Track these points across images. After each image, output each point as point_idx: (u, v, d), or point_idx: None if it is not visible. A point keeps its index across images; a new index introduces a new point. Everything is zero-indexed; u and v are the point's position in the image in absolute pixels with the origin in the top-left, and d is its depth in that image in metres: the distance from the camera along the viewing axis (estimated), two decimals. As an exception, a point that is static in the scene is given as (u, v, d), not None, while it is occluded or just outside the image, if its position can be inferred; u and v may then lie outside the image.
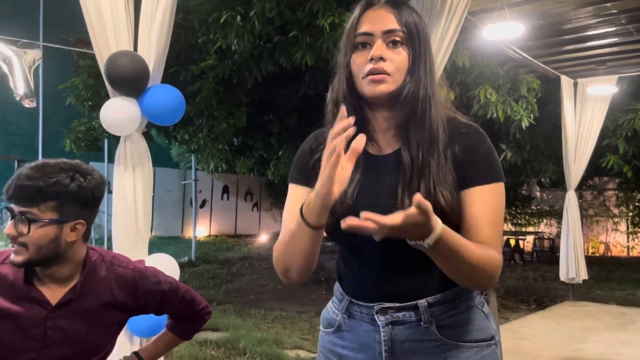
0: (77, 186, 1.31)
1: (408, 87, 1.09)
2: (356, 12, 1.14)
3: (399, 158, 1.11)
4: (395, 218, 0.88)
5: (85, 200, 1.34)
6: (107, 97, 2.41)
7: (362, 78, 1.10)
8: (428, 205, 0.88)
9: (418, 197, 0.87)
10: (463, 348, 1.14)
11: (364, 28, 1.11)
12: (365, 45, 1.11)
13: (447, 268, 1.02)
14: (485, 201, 1.08)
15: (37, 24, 6.08)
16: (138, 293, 1.47)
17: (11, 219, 1.30)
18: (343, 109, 0.95)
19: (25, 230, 1.29)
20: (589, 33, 4.89)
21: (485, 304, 1.22)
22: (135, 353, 1.59)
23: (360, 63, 1.11)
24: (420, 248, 0.95)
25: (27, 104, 2.81)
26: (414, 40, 1.10)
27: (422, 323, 1.13)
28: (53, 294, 1.38)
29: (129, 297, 1.46)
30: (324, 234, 1.16)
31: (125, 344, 2.36)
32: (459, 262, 0.99)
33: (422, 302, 1.13)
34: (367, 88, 1.10)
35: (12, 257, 1.33)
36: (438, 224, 0.93)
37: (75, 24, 2.34)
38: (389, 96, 1.10)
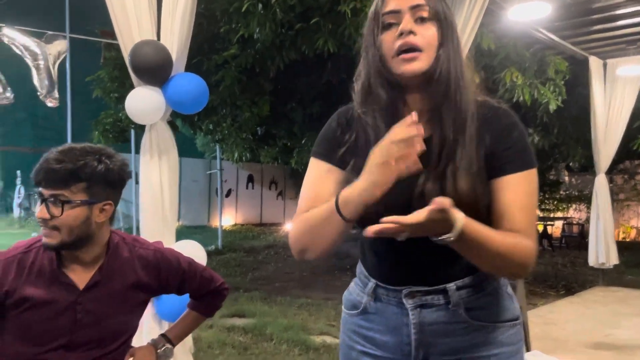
0: (105, 168, 1.35)
1: (441, 63, 1.06)
2: None
3: (429, 142, 1.09)
4: (417, 216, 0.89)
5: (113, 181, 1.38)
6: (132, 88, 2.45)
7: (393, 57, 1.07)
8: (446, 202, 0.88)
9: (438, 200, 0.88)
10: (491, 328, 1.15)
11: (390, 6, 1.08)
12: (392, 25, 1.08)
13: (474, 259, 1.02)
14: (518, 188, 1.06)
15: (62, 17, 6.19)
16: (161, 273, 1.51)
17: (41, 203, 1.33)
18: (414, 115, 0.95)
19: (57, 212, 1.32)
20: (618, 12, 4.75)
21: (508, 284, 1.22)
22: (163, 335, 1.63)
23: (389, 41, 1.07)
24: (443, 243, 0.94)
25: (50, 102, 2.85)
26: (441, 15, 1.08)
27: (450, 306, 1.13)
28: (80, 277, 1.42)
29: (152, 277, 1.50)
30: None
31: (153, 328, 2.41)
32: (485, 253, 0.99)
33: (451, 286, 1.13)
34: (399, 67, 1.07)
35: (45, 240, 1.36)
36: (459, 218, 0.92)
37: (100, 17, 2.37)
38: (423, 76, 1.07)
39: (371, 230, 0.88)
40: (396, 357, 1.17)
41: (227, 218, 14.49)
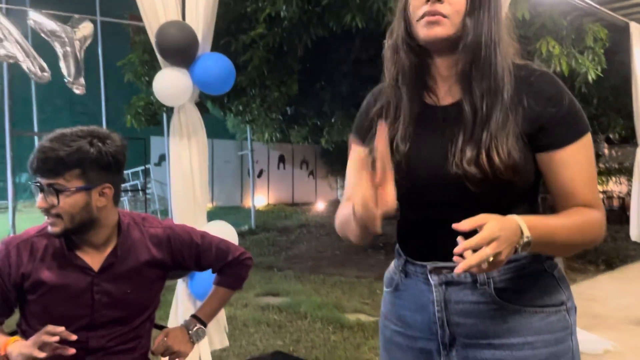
0: (98, 151, 1.33)
1: (467, 31, 1.02)
2: None
3: (460, 110, 1.05)
4: (481, 239, 0.87)
5: (108, 164, 1.36)
6: (161, 70, 2.45)
7: (417, 21, 1.04)
8: (477, 219, 0.88)
9: (456, 226, 0.89)
10: (526, 313, 1.06)
11: None
12: None
13: (550, 252, 1.02)
14: (578, 161, 1.03)
15: (91, 2, 6.25)
16: (173, 248, 1.52)
17: (40, 192, 1.34)
18: (382, 126, 0.91)
19: (55, 201, 1.32)
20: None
21: (558, 266, 1.13)
22: (194, 316, 1.64)
23: (416, 5, 1.04)
24: (522, 255, 0.95)
25: (77, 89, 2.87)
26: None
27: (477, 284, 1.07)
28: (94, 259, 1.43)
29: (165, 253, 1.51)
30: None
31: (189, 309, 2.45)
32: (558, 244, 0.98)
33: None
34: (422, 31, 1.04)
35: (50, 228, 1.37)
36: (524, 229, 0.91)
37: (128, 1, 2.37)
38: (446, 41, 1.04)
39: (458, 270, 0.87)
40: (425, 335, 1.14)
41: (260, 198, 14.62)
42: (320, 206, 14.59)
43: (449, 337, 1.11)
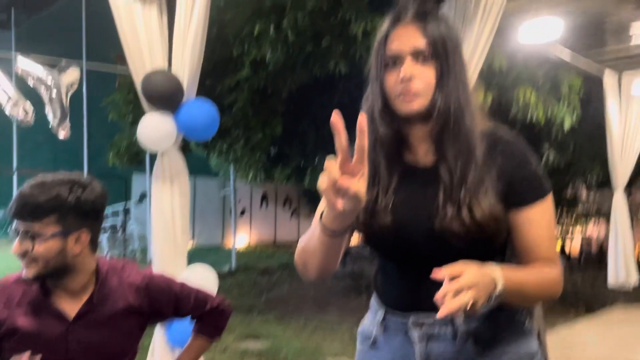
0: (76, 198, 1.34)
1: (439, 101, 1.09)
2: (384, 27, 1.14)
3: (438, 170, 1.11)
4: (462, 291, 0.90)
5: (86, 211, 1.37)
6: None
7: (395, 98, 1.11)
8: (453, 269, 0.91)
9: (436, 273, 0.91)
10: None
11: (392, 46, 1.11)
12: (396, 61, 1.11)
13: (514, 302, 1.06)
14: (541, 219, 1.10)
15: (78, 44, 6.29)
16: (151, 296, 1.51)
17: (17, 237, 1.34)
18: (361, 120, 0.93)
19: (29, 246, 1.33)
20: (632, 27, 4.71)
21: (529, 318, 1.18)
22: None
23: (392, 82, 1.11)
24: (495, 301, 0.97)
25: (61, 135, 2.88)
26: (441, 53, 1.10)
27: (457, 338, 1.11)
28: (70, 307, 1.42)
29: (143, 301, 1.50)
30: (364, 243, 1.15)
31: (165, 356, 2.40)
32: (523, 296, 1.04)
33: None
34: (400, 107, 1.11)
35: (24, 272, 1.37)
36: (498, 279, 0.96)
37: (116, 39, 2.41)
38: (422, 113, 1.11)
39: (440, 314, 0.88)
40: None
41: (242, 237, 14.49)
42: (302, 246, 14.48)
43: None
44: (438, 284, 1.10)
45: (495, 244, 1.11)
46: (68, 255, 1.36)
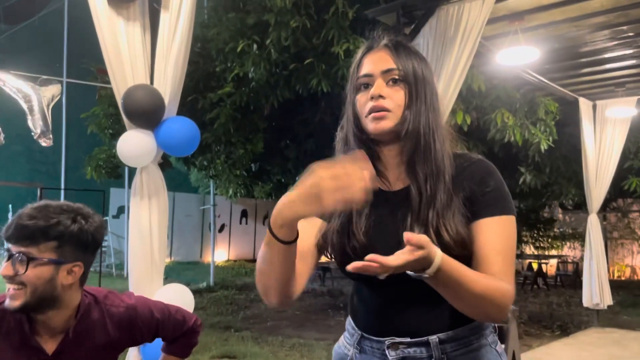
0: (79, 228, 1.31)
1: (407, 121, 1.12)
2: (358, 55, 1.19)
3: (408, 193, 1.13)
4: (398, 258, 0.89)
5: (86, 242, 1.34)
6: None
7: (365, 117, 1.14)
8: (421, 239, 0.90)
9: (407, 235, 0.89)
10: None
11: (364, 70, 1.16)
12: (367, 85, 1.15)
13: (450, 298, 1.02)
14: (494, 232, 1.09)
15: (59, 55, 6.26)
16: (134, 329, 1.48)
17: (7, 260, 1.29)
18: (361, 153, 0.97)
19: (22, 269, 1.27)
20: (606, 56, 4.85)
21: (499, 342, 1.20)
22: None
23: (362, 102, 1.15)
24: (420, 278, 0.95)
25: (44, 142, 2.85)
26: (410, 77, 1.14)
27: (433, 359, 1.11)
28: (49, 342, 1.37)
29: (124, 333, 1.46)
30: (339, 266, 1.16)
31: (139, 376, 2.36)
32: (462, 292, 0.99)
33: (434, 338, 1.12)
34: (370, 125, 1.14)
35: (8, 302, 1.30)
36: (438, 254, 0.94)
37: (97, 53, 2.40)
38: (392, 132, 1.13)
39: (352, 266, 0.89)
40: None
41: (221, 253, 14.37)
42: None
43: None
44: (412, 309, 1.12)
45: (464, 264, 1.11)
46: (57, 286, 1.31)
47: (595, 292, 6.09)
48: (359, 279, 1.20)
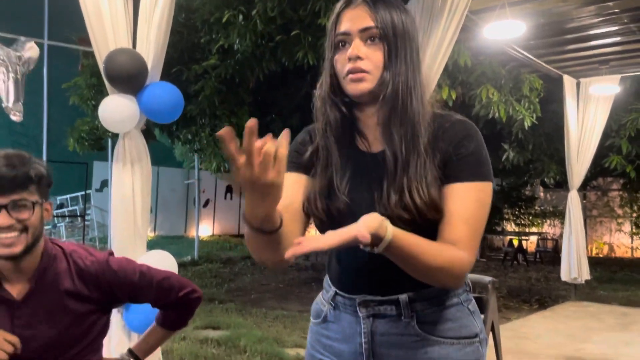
0: (45, 169, 1.39)
1: (386, 82, 1.10)
2: (336, 9, 1.14)
3: (384, 156, 1.12)
4: (330, 239, 0.91)
5: (50, 181, 1.41)
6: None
7: (344, 78, 1.12)
8: (365, 235, 0.90)
9: (358, 234, 0.91)
10: (444, 344, 1.13)
11: (342, 28, 1.12)
12: (345, 44, 1.12)
13: (405, 269, 1.03)
14: (465, 198, 1.06)
15: (40, 23, 6.10)
16: (102, 284, 1.45)
17: (2, 210, 1.29)
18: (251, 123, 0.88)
19: (26, 214, 1.32)
20: (592, 32, 4.88)
21: (473, 301, 1.21)
22: (130, 350, 1.59)
23: (340, 62, 1.12)
24: (371, 252, 0.96)
25: (14, 116, 2.79)
26: (390, 34, 1.10)
27: (402, 317, 1.13)
28: (16, 289, 1.38)
29: (92, 288, 1.44)
30: (319, 229, 1.16)
31: (122, 340, 2.37)
32: (415, 264, 1.01)
33: (404, 297, 1.13)
34: (348, 87, 1.11)
35: (7, 250, 1.30)
36: (388, 231, 0.95)
37: (78, 22, 2.35)
38: (370, 94, 1.11)
39: (289, 254, 0.89)
40: None
41: (205, 228, 14.37)
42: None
43: None
44: (384, 269, 1.12)
45: None
46: (43, 225, 1.38)
47: (574, 267, 6.23)
48: None
